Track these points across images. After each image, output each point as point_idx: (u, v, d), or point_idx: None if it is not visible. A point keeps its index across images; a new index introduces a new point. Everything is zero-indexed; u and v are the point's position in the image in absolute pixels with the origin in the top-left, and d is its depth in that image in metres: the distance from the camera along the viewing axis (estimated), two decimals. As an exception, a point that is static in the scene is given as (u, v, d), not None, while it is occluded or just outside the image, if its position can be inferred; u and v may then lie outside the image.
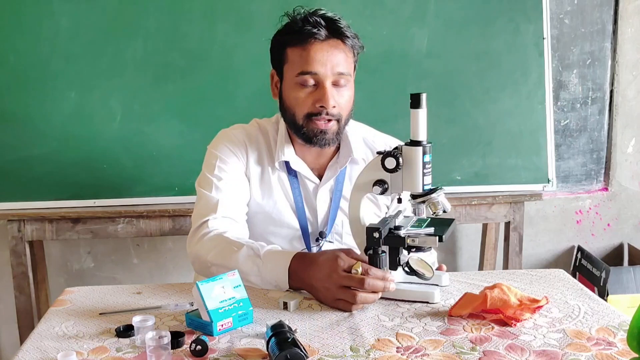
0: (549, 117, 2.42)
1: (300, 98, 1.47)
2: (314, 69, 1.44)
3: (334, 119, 1.48)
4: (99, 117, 2.26)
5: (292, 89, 1.48)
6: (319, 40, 1.44)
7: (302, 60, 1.45)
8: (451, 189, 2.32)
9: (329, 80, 1.45)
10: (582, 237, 2.80)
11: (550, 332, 1.13)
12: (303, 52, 1.45)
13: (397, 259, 1.28)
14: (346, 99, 1.49)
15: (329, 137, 1.49)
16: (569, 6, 2.59)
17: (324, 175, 1.58)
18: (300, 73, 1.45)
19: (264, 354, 1.05)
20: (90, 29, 2.25)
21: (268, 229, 1.58)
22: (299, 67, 1.45)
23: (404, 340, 1.11)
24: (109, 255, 2.60)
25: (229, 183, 1.53)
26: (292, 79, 1.47)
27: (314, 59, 1.44)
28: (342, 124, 1.51)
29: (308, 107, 1.47)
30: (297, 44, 1.46)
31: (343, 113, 1.49)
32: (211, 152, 1.58)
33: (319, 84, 1.45)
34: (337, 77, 1.46)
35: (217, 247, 1.41)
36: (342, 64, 1.46)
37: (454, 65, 2.40)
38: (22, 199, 2.23)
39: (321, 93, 1.45)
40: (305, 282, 1.30)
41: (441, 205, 1.27)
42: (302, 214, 1.57)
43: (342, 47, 1.47)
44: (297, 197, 1.57)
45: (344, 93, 1.48)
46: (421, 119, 1.25)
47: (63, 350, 1.08)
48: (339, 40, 1.46)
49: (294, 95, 1.48)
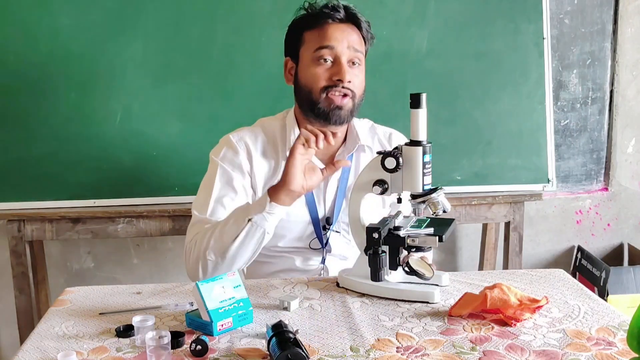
0: (549, 117, 2.42)
1: (318, 73, 1.53)
2: (331, 42, 1.52)
3: (349, 95, 1.53)
4: (99, 117, 2.26)
5: (309, 67, 1.54)
6: (336, 22, 1.53)
7: (319, 38, 1.53)
8: (451, 189, 2.32)
9: (344, 56, 1.52)
10: (582, 237, 2.80)
11: (550, 332, 1.13)
12: (320, 31, 1.53)
13: (397, 259, 1.28)
14: (360, 79, 1.57)
15: (343, 114, 1.54)
16: (569, 6, 2.59)
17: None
18: (318, 48, 1.52)
19: (264, 354, 1.06)
20: (90, 29, 2.24)
21: (280, 221, 1.58)
22: (316, 44, 1.53)
23: (404, 340, 1.11)
24: (109, 255, 2.60)
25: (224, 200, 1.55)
26: (310, 56, 1.54)
27: (331, 36, 1.52)
28: (356, 104, 1.56)
29: (325, 80, 1.53)
30: (314, 26, 1.54)
31: (357, 91, 1.55)
32: (213, 160, 1.60)
33: (336, 60, 1.52)
34: (352, 53, 1.53)
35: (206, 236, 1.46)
36: (357, 42, 1.55)
37: (454, 65, 2.40)
38: (22, 199, 2.23)
39: (338, 67, 1.52)
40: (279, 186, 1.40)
41: (441, 205, 1.27)
42: (312, 204, 1.59)
43: (357, 30, 1.55)
44: None
45: (358, 74, 1.55)
46: (421, 119, 1.25)
47: (63, 350, 1.08)
48: (354, 25, 1.55)
49: (311, 72, 1.54)
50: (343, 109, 1.52)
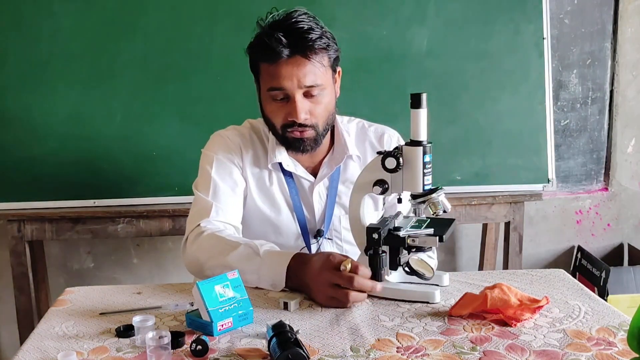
0: (549, 117, 2.42)
1: (274, 111, 1.50)
2: (280, 84, 1.45)
3: (309, 128, 1.49)
4: (99, 117, 2.26)
5: (266, 102, 1.52)
6: (285, 58, 1.44)
7: (270, 77, 1.47)
8: (451, 189, 2.32)
9: (298, 93, 1.45)
10: (582, 237, 2.80)
11: (551, 332, 1.13)
12: (270, 68, 1.46)
13: (397, 259, 1.28)
14: (322, 108, 1.49)
15: (307, 144, 1.51)
16: (569, 6, 2.59)
17: (319, 173, 1.60)
18: (270, 89, 1.48)
19: (264, 354, 1.05)
20: (90, 29, 2.24)
21: (267, 229, 1.58)
22: (268, 83, 1.48)
23: (404, 340, 1.11)
24: (109, 255, 2.60)
25: (224, 187, 1.54)
26: (265, 92, 1.50)
27: (280, 75, 1.44)
28: (321, 130, 1.52)
29: (281, 119, 1.49)
30: (265, 60, 1.47)
31: (319, 121, 1.50)
32: (206, 154, 1.59)
33: (290, 98, 1.47)
34: (306, 89, 1.46)
35: (213, 246, 1.42)
36: (309, 77, 1.45)
37: (454, 65, 2.40)
38: (22, 199, 2.23)
39: (291, 107, 1.47)
40: (301, 280, 1.30)
41: (441, 205, 1.27)
42: (300, 213, 1.58)
43: (308, 62, 1.44)
44: (295, 197, 1.58)
45: (320, 101, 1.49)
46: (421, 119, 1.25)
47: (63, 350, 1.08)
48: (303, 56, 1.44)
49: (268, 108, 1.51)
50: (305, 140, 1.50)
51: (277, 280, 1.33)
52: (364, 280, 1.24)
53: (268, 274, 1.34)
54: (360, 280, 1.23)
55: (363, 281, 1.23)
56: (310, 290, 1.28)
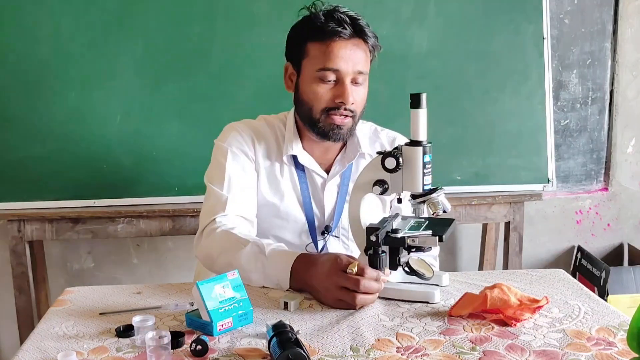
0: (549, 117, 2.42)
1: (320, 93, 1.49)
2: (336, 65, 1.46)
3: (350, 115, 1.50)
4: (99, 117, 2.26)
5: (311, 84, 1.50)
6: (343, 39, 1.46)
7: (324, 56, 1.47)
8: (451, 189, 2.32)
9: (349, 77, 1.48)
10: (582, 237, 2.80)
11: (551, 332, 1.13)
12: (326, 48, 1.46)
13: (397, 259, 1.28)
14: (362, 97, 1.53)
15: (343, 132, 1.52)
16: (569, 6, 2.59)
17: (332, 170, 1.60)
18: (322, 69, 1.47)
19: (264, 354, 1.05)
20: (90, 29, 2.24)
21: (275, 222, 1.58)
22: (320, 63, 1.47)
23: (404, 340, 1.11)
24: (109, 255, 2.60)
25: (239, 179, 1.53)
26: (312, 73, 1.49)
27: (337, 56, 1.46)
28: (356, 121, 1.54)
29: (327, 102, 1.49)
30: (319, 40, 1.47)
31: (358, 110, 1.52)
32: (220, 146, 1.58)
33: (339, 81, 1.48)
34: (356, 75, 1.48)
35: (225, 243, 1.42)
36: (362, 62, 1.49)
37: (454, 65, 2.40)
38: (22, 199, 2.23)
39: (341, 89, 1.48)
40: (306, 282, 1.30)
41: (441, 205, 1.27)
42: (309, 208, 1.58)
43: (363, 46, 1.50)
44: (305, 191, 1.58)
45: (361, 91, 1.52)
46: (421, 119, 1.25)
47: (63, 350, 1.08)
48: (361, 40, 1.49)
49: (312, 89, 1.50)
50: (343, 127, 1.51)
51: (281, 280, 1.33)
52: (371, 282, 1.23)
53: (273, 274, 1.34)
54: (367, 282, 1.22)
55: (370, 284, 1.23)
56: (317, 292, 1.28)
